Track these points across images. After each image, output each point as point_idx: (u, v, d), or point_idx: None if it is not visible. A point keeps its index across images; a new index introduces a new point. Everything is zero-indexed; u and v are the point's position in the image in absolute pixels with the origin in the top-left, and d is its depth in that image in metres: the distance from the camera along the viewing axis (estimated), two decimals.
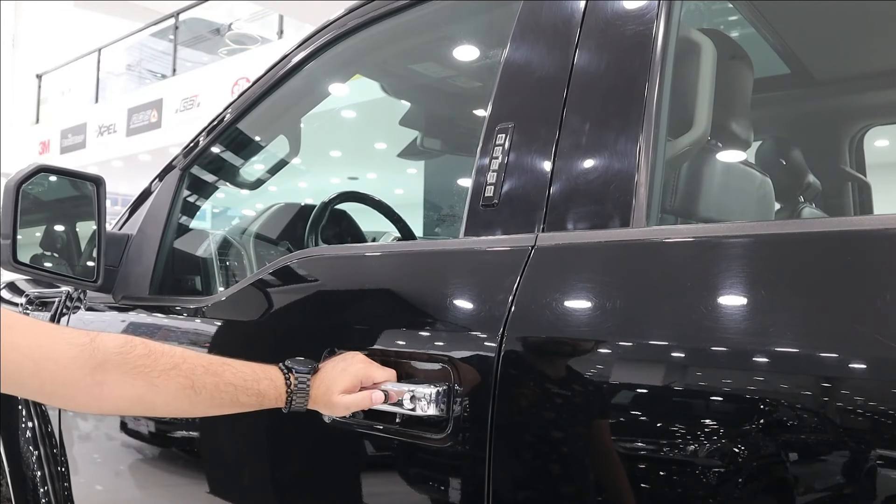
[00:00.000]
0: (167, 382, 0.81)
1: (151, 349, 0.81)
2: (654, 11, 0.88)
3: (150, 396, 0.81)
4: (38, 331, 0.76)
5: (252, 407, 0.87)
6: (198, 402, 0.84)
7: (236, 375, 0.86)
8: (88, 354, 0.77)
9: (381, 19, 1.23)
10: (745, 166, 1.28)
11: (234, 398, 0.85)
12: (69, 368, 0.76)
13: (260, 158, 1.66)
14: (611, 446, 0.72)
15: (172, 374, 0.81)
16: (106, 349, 0.78)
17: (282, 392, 0.88)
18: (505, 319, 0.81)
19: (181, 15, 11.12)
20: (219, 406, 0.86)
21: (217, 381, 0.84)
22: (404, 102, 2.08)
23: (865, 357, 0.60)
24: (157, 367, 0.80)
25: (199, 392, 0.83)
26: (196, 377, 0.83)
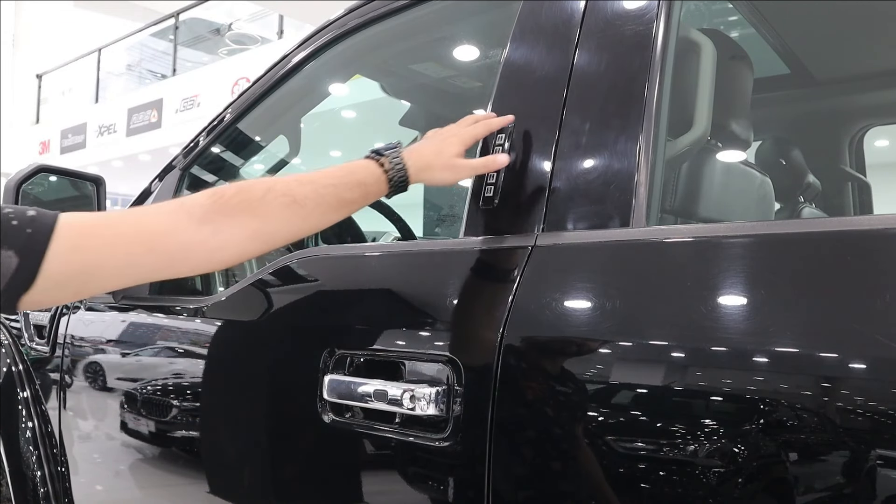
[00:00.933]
0: (270, 207, 0.81)
1: (240, 186, 0.81)
2: (654, 11, 0.88)
3: (262, 227, 0.81)
4: (132, 216, 0.78)
5: (358, 201, 0.87)
6: (306, 214, 0.83)
7: (329, 176, 0.86)
8: (186, 215, 0.78)
9: (381, 19, 1.23)
10: (745, 166, 1.28)
11: (339, 197, 0.85)
12: (176, 233, 0.77)
13: (260, 158, 1.66)
14: (611, 446, 0.72)
15: (270, 197, 0.81)
16: (199, 203, 0.79)
17: (379, 175, 0.88)
18: (505, 319, 0.81)
19: (181, 15, 11.12)
20: (327, 211, 0.85)
21: (315, 187, 0.84)
22: (404, 102, 2.08)
23: (865, 357, 0.60)
24: (254, 198, 0.80)
25: (304, 204, 0.82)
26: (293, 191, 0.82)
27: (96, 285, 0.77)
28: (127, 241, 0.76)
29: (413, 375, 0.87)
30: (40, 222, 0.72)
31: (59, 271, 0.71)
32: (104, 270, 0.75)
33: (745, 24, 1.61)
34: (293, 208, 0.82)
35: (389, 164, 0.89)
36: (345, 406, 0.93)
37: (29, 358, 1.64)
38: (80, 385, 1.47)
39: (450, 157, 0.90)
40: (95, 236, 0.75)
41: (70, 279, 0.73)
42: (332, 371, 0.94)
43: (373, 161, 0.89)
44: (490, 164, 0.90)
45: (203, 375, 1.20)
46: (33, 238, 0.71)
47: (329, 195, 0.85)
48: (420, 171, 0.90)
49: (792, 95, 1.90)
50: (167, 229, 0.77)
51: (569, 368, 0.76)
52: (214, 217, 0.79)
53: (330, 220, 0.87)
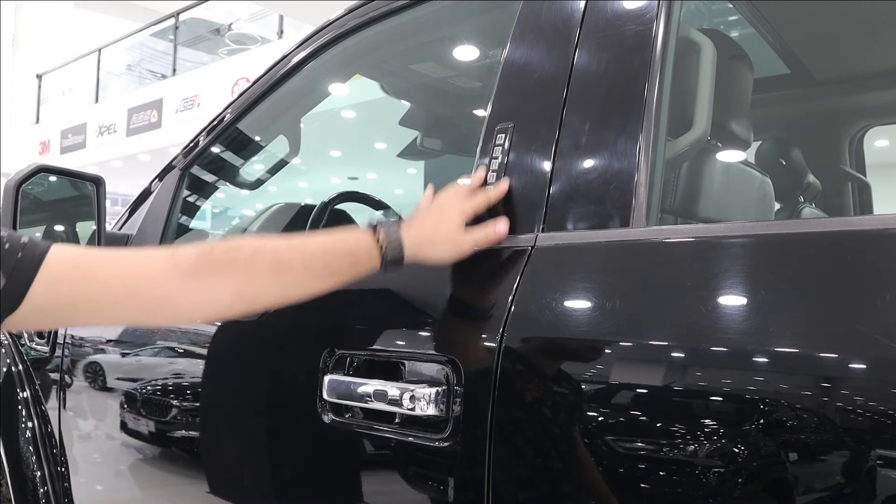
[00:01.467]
0: (256, 269, 0.80)
1: (229, 245, 0.81)
2: (654, 11, 0.88)
3: (245, 288, 0.80)
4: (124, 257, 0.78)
5: (347, 271, 0.85)
6: (292, 280, 0.82)
7: (319, 243, 0.84)
8: (174, 265, 0.77)
9: (381, 19, 1.23)
10: (745, 166, 1.28)
11: (327, 265, 0.83)
12: (160, 282, 0.77)
13: (260, 158, 1.66)
14: (611, 446, 0.72)
15: (258, 259, 0.80)
16: (188, 256, 0.78)
17: (372, 248, 0.85)
18: (505, 319, 0.81)
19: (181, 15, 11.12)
20: (314, 278, 0.83)
21: (303, 254, 0.83)
22: (404, 102, 2.08)
23: (865, 357, 0.60)
24: (241, 259, 0.80)
25: (290, 269, 0.81)
26: (281, 255, 0.81)
27: (77, 318, 0.77)
28: (111, 282, 0.75)
29: (413, 375, 0.87)
30: (31, 249, 0.73)
31: (42, 298, 0.72)
32: (86, 305, 0.75)
33: (745, 24, 1.61)
34: (279, 273, 0.81)
35: (384, 239, 0.86)
36: (345, 406, 0.93)
37: (29, 358, 1.64)
38: (80, 385, 1.47)
39: (449, 232, 0.87)
40: (82, 270, 0.75)
41: (53, 308, 0.73)
42: (332, 371, 0.94)
43: (368, 233, 0.87)
44: (490, 235, 0.87)
45: (203, 375, 1.20)
46: (22, 263, 0.71)
47: (317, 263, 0.83)
48: (418, 248, 0.88)
49: (792, 95, 1.89)
50: (152, 277, 0.77)
51: (569, 369, 0.76)
52: (200, 272, 0.78)
53: (317, 288, 0.85)
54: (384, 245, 0.86)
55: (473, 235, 0.87)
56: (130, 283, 0.76)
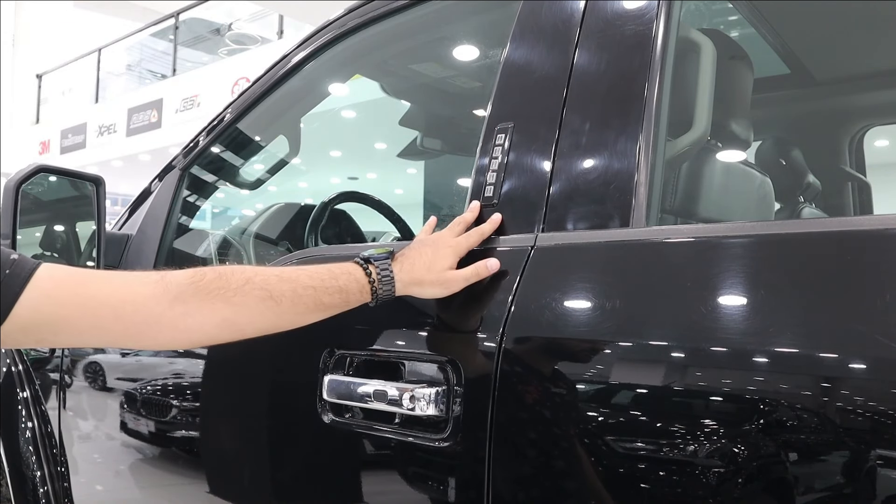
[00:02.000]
0: (245, 299, 0.79)
1: (220, 272, 0.80)
2: (654, 11, 0.88)
3: (233, 317, 0.79)
4: (112, 279, 0.77)
5: (337, 307, 0.85)
6: (281, 312, 0.81)
7: (312, 277, 0.84)
8: (163, 290, 0.77)
9: (381, 19, 1.23)
10: (745, 166, 1.28)
11: (317, 300, 0.83)
12: (149, 306, 0.76)
13: (260, 158, 1.66)
14: (611, 446, 0.72)
15: (247, 288, 0.80)
16: (178, 282, 0.78)
17: (364, 284, 0.85)
18: (505, 319, 0.81)
19: (181, 15, 11.12)
20: (303, 312, 0.83)
21: (294, 287, 0.82)
22: (404, 102, 2.08)
23: (865, 357, 0.60)
24: (231, 287, 0.79)
25: (280, 301, 0.81)
26: (271, 286, 0.81)
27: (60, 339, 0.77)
28: (98, 303, 0.75)
29: (413, 376, 0.87)
30: (20, 267, 0.72)
31: (26, 317, 0.71)
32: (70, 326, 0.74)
33: (745, 24, 1.61)
34: (268, 304, 0.80)
35: (377, 275, 0.86)
36: (344, 406, 0.93)
37: (29, 358, 1.64)
38: (80, 385, 1.47)
39: (441, 271, 0.87)
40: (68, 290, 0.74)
41: (36, 327, 0.73)
42: (331, 371, 0.94)
43: (360, 268, 0.86)
44: (481, 272, 0.86)
45: (203, 375, 1.20)
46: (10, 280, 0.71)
47: (308, 297, 0.83)
48: (409, 286, 0.87)
49: (792, 95, 1.89)
50: (139, 300, 0.76)
51: (569, 369, 0.76)
52: (189, 298, 0.77)
53: (305, 321, 0.85)
54: (376, 282, 0.85)
55: (464, 274, 0.87)
56: (117, 305, 0.75)
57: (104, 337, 0.79)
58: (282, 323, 0.84)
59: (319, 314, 0.85)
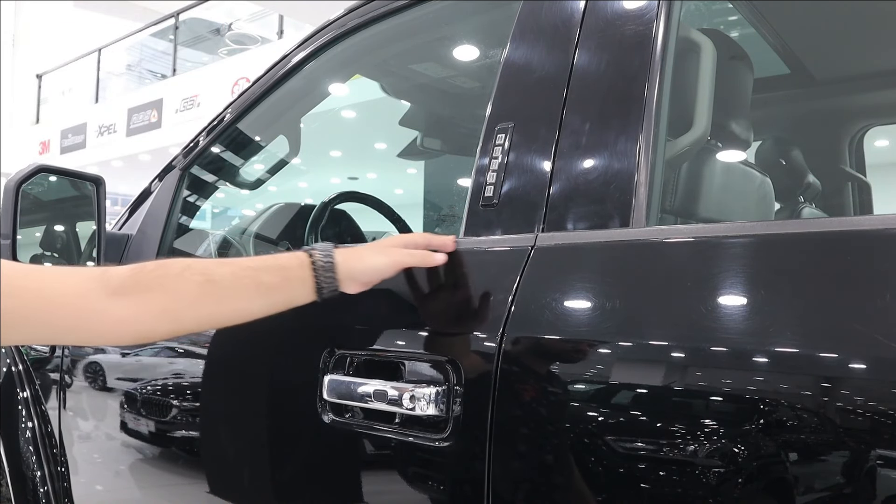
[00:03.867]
0: (184, 285, 0.78)
1: (162, 263, 0.80)
2: (654, 11, 0.88)
3: (171, 304, 0.78)
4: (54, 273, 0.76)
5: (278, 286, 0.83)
6: (221, 296, 0.80)
7: (252, 260, 0.84)
8: (104, 283, 0.76)
9: (381, 19, 1.23)
10: (745, 166, 1.28)
11: (257, 279, 0.82)
12: (87, 298, 0.75)
13: (260, 158, 1.66)
14: (610, 446, 0.72)
15: (186, 274, 0.79)
16: (119, 275, 0.77)
17: (304, 259, 0.84)
18: (505, 319, 0.81)
19: (181, 15, 11.12)
20: (244, 294, 0.82)
21: (233, 269, 0.82)
22: (404, 102, 2.08)
23: (865, 357, 0.60)
24: (170, 274, 0.79)
25: (220, 283, 0.80)
26: (210, 271, 0.80)
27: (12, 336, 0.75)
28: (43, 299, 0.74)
29: (413, 375, 0.87)
30: None
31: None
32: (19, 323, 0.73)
33: (745, 24, 1.61)
34: (207, 288, 0.80)
35: (319, 252, 0.85)
36: (345, 406, 0.93)
37: (29, 358, 1.64)
38: (80, 385, 1.47)
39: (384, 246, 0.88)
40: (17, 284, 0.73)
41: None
42: (332, 371, 0.94)
43: (302, 252, 0.86)
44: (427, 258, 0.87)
45: (203, 375, 1.20)
46: None
47: (247, 277, 0.82)
48: (349, 259, 0.86)
49: (792, 95, 1.90)
50: (80, 293, 0.75)
51: (569, 369, 0.76)
52: (128, 290, 0.77)
53: (248, 308, 0.83)
54: (314, 255, 0.85)
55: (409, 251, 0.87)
56: (56, 297, 0.74)
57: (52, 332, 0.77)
58: (222, 310, 0.82)
59: (262, 298, 0.83)
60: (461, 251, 0.94)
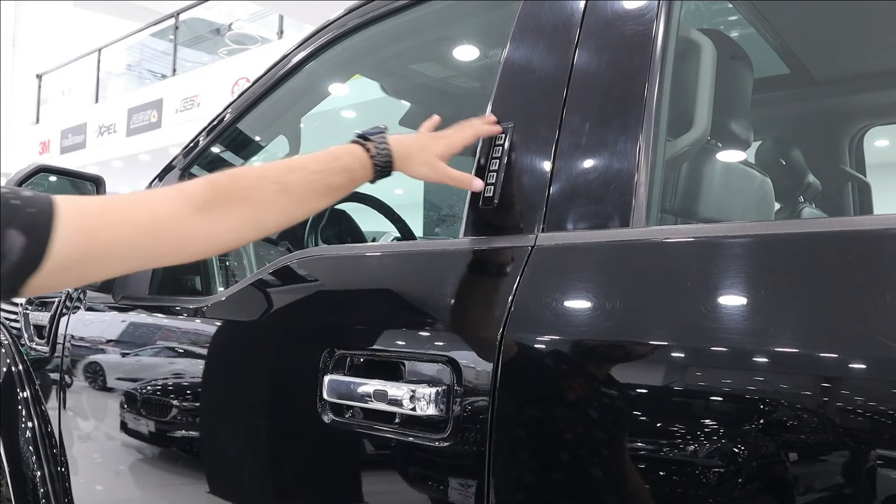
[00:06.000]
0: (263, 195, 0.83)
1: (232, 174, 0.83)
2: (654, 11, 0.88)
3: (256, 214, 0.83)
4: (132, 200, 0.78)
5: (345, 186, 0.90)
6: (298, 200, 0.86)
7: (317, 162, 0.88)
8: (187, 202, 0.79)
9: (381, 19, 1.23)
10: (745, 166, 1.28)
11: (326, 182, 0.88)
12: (178, 220, 0.78)
13: (260, 158, 1.66)
14: (610, 446, 0.72)
15: (263, 184, 0.83)
16: (197, 191, 0.80)
17: (365, 161, 0.90)
18: (505, 319, 0.81)
19: (181, 15, 11.12)
20: (316, 196, 0.88)
21: (304, 174, 0.86)
22: (404, 102, 2.08)
23: (865, 357, 0.60)
24: (247, 186, 0.83)
25: (295, 190, 0.85)
26: (283, 178, 0.85)
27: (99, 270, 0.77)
28: (132, 226, 0.75)
29: (413, 375, 0.87)
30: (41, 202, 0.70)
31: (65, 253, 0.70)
32: (109, 254, 0.74)
33: (745, 24, 1.61)
34: (284, 195, 0.84)
35: (375, 150, 0.91)
36: (345, 406, 0.93)
37: (29, 358, 1.64)
38: (80, 385, 1.47)
39: (432, 155, 0.94)
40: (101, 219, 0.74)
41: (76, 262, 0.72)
42: (332, 371, 0.94)
43: (359, 146, 0.91)
44: (465, 182, 0.93)
45: (203, 376, 1.20)
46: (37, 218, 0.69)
47: (317, 181, 0.87)
48: (402, 159, 0.93)
49: (792, 95, 1.90)
50: (170, 216, 0.78)
51: (569, 368, 0.76)
52: (212, 205, 0.80)
53: (319, 206, 0.90)
54: (375, 156, 0.91)
55: (450, 172, 0.93)
56: (149, 225, 0.77)
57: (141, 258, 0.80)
58: (300, 211, 0.88)
59: (331, 197, 0.90)
60: (461, 251, 0.94)
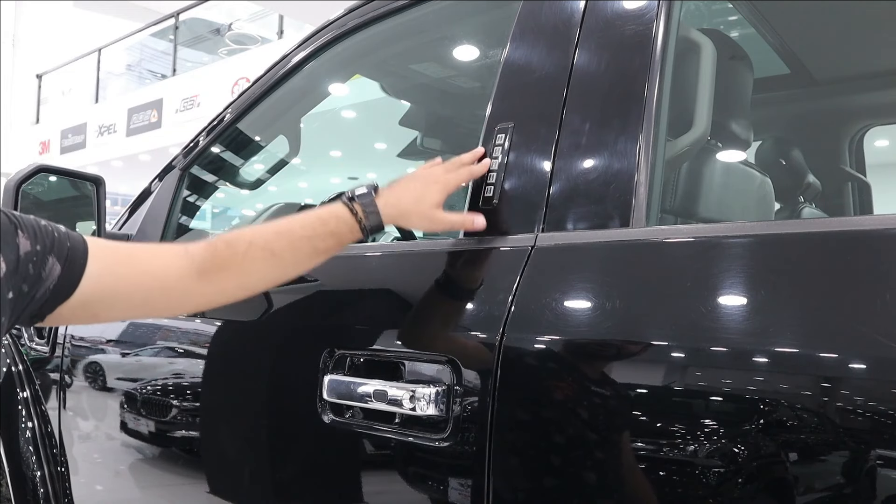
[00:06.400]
0: (251, 263, 0.87)
1: (228, 240, 0.87)
2: (654, 11, 0.88)
3: (245, 280, 0.88)
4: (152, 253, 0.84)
5: (332, 249, 0.91)
6: (283, 265, 0.89)
7: (304, 227, 0.90)
8: (190, 264, 0.84)
9: (381, 19, 1.23)
10: (745, 166, 1.28)
11: (313, 248, 0.90)
12: (185, 280, 0.83)
13: (260, 158, 1.66)
14: (610, 446, 0.72)
15: (251, 252, 0.87)
16: (200, 254, 0.85)
17: (352, 224, 0.91)
18: (505, 319, 0.81)
19: (181, 15, 11.12)
20: (303, 262, 0.91)
21: (290, 240, 0.89)
22: (404, 102, 2.08)
23: (865, 357, 0.60)
24: (238, 253, 0.86)
25: (281, 256, 0.88)
26: (272, 244, 0.88)
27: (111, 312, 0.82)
28: (149, 278, 0.81)
29: (413, 375, 0.87)
30: (75, 238, 0.76)
31: (91, 289, 0.75)
32: (125, 298, 0.79)
33: (745, 24, 1.61)
34: (272, 261, 0.88)
35: (363, 213, 0.91)
36: (345, 406, 0.93)
37: (29, 358, 1.64)
38: (80, 385, 1.47)
39: (429, 207, 0.92)
40: (126, 266, 0.79)
41: (97, 300, 0.76)
42: (332, 371, 0.94)
43: (346, 209, 0.91)
44: (467, 223, 0.91)
45: (203, 375, 1.20)
46: (74, 252, 0.74)
47: (304, 246, 0.89)
48: (395, 218, 0.93)
49: (792, 95, 1.89)
50: (178, 274, 0.83)
51: (568, 368, 0.76)
52: (210, 268, 0.85)
53: (307, 268, 0.94)
54: (363, 220, 0.91)
55: (451, 219, 0.92)
56: (163, 278, 0.82)
57: (149, 309, 0.87)
58: (285, 274, 0.92)
59: (318, 259, 0.92)
60: (461, 251, 0.94)
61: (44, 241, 0.73)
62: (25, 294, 0.71)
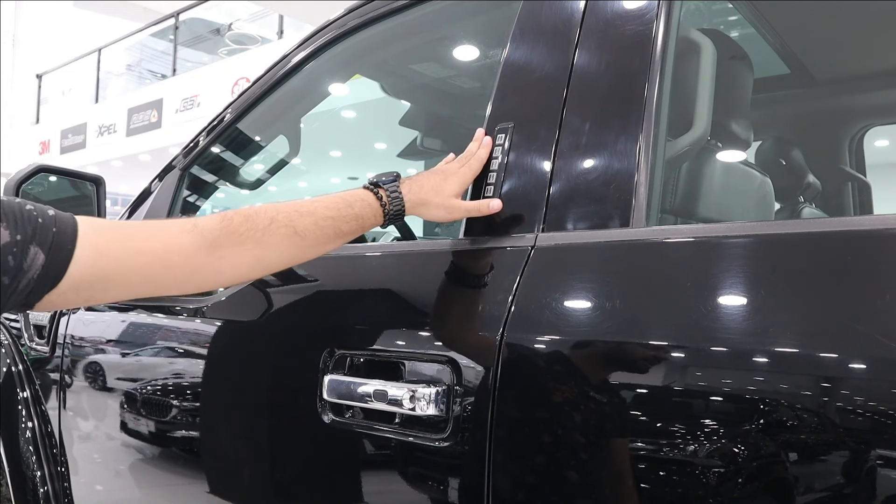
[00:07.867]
0: (272, 238, 0.85)
1: (246, 214, 0.85)
2: (654, 11, 0.88)
3: (263, 254, 0.85)
4: (153, 230, 0.81)
5: (355, 232, 0.91)
6: (306, 245, 0.87)
7: (329, 208, 0.89)
8: (201, 238, 0.81)
9: (381, 19, 1.23)
10: (745, 166, 1.28)
11: (336, 229, 0.89)
12: (193, 255, 0.80)
13: (260, 158, 1.66)
14: (610, 446, 0.72)
15: (273, 227, 0.85)
16: (211, 228, 0.82)
17: (377, 208, 0.91)
18: (505, 319, 0.81)
19: (181, 15, 11.12)
20: (324, 242, 0.89)
21: (314, 219, 0.87)
22: (404, 102, 2.08)
23: (865, 357, 0.60)
24: (258, 227, 0.84)
25: (304, 235, 0.86)
26: (295, 222, 0.86)
27: (109, 294, 0.79)
28: (148, 255, 0.78)
29: (413, 375, 0.87)
30: (65, 222, 0.73)
31: (81, 274, 0.72)
32: (122, 279, 0.77)
33: (745, 24, 1.61)
34: (294, 239, 0.86)
35: (387, 199, 0.92)
36: (345, 406, 0.93)
37: (29, 358, 1.64)
38: (80, 385, 1.47)
39: (447, 197, 0.94)
40: (118, 245, 0.76)
41: (90, 284, 0.74)
42: (332, 371, 0.94)
43: (371, 193, 0.92)
44: (482, 208, 0.92)
45: (203, 376, 1.20)
46: (60, 238, 0.71)
47: (328, 227, 0.88)
48: (416, 206, 0.94)
49: (792, 95, 1.90)
50: (183, 250, 0.80)
51: (568, 368, 0.76)
52: (223, 242, 0.82)
53: (326, 250, 0.91)
54: (387, 205, 0.92)
55: (467, 206, 0.93)
56: (164, 256, 0.79)
57: (151, 286, 0.82)
58: (306, 255, 0.90)
59: (339, 242, 0.91)
60: (461, 251, 0.94)
61: (25, 230, 0.70)
62: (6, 286, 0.69)
